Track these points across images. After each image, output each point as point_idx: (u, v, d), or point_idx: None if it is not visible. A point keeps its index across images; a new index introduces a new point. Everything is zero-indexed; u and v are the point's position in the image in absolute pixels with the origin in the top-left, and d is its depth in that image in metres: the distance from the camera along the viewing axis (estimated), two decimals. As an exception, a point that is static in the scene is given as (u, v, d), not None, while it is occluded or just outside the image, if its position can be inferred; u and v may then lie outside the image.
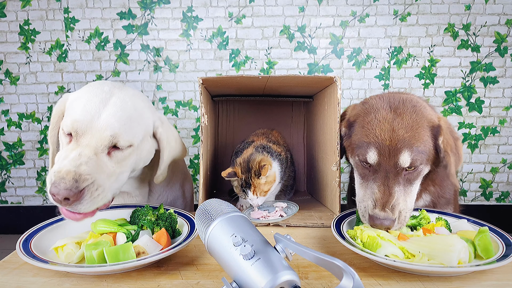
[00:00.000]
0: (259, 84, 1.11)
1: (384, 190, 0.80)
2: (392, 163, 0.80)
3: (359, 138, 0.86)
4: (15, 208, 2.53)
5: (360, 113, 0.89)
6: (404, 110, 0.84)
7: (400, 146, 0.79)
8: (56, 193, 0.72)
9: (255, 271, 0.48)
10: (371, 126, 0.84)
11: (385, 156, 0.80)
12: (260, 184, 0.98)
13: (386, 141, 0.80)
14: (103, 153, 0.81)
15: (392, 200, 0.78)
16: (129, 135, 0.84)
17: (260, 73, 2.41)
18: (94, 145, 0.80)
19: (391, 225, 0.77)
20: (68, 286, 0.64)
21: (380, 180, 0.81)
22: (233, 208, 0.60)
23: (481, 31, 2.35)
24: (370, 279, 0.66)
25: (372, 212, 0.78)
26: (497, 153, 2.47)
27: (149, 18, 2.36)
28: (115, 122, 0.82)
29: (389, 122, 0.82)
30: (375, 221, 0.77)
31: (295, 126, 1.49)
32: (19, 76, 2.41)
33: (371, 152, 0.81)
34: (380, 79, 2.42)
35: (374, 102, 0.89)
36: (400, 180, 0.80)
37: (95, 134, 0.80)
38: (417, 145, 0.80)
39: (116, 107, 0.84)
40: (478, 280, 0.65)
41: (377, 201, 0.79)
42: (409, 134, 0.80)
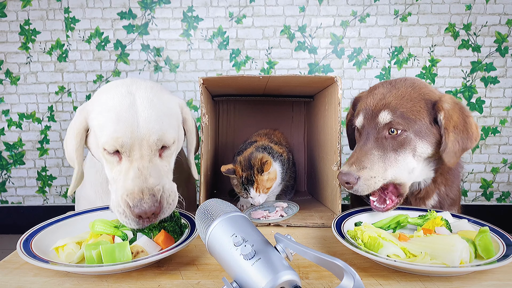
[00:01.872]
0: (259, 84, 1.11)
1: (360, 150, 0.81)
2: (373, 124, 0.82)
3: (356, 111, 0.91)
4: (15, 208, 2.54)
5: (363, 95, 0.95)
6: (402, 85, 0.87)
7: (382, 107, 0.82)
8: (144, 214, 0.74)
9: (256, 271, 0.48)
10: (367, 99, 0.88)
11: (368, 118, 0.83)
12: (263, 180, 1.00)
13: (372, 107, 0.84)
14: (156, 157, 0.82)
15: (364, 159, 0.78)
16: (171, 132, 0.84)
17: (261, 73, 2.41)
18: (147, 154, 0.80)
19: (350, 180, 0.76)
20: (69, 286, 0.64)
21: (362, 141, 0.83)
22: (233, 208, 0.60)
23: (482, 31, 2.34)
24: (371, 279, 0.66)
25: (341, 168, 0.80)
26: (498, 153, 2.47)
27: (149, 18, 2.36)
28: (155, 124, 0.81)
29: (383, 94, 0.86)
30: (338, 175, 0.79)
31: (296, 126, 1.49)
32: (19, 76, 2.41)
33: (360, 116, 0.86)
34: (381, 79, 2.41)
35: (379, 84, 0.93)
36: (382, 145, 0.80)
37: (143, 144, 0.79)
38: (403, 111, 0.80)
39: (147, 109, 0.82)
40: (478, 280, 0.65)
41: (349, 159, 0.81)
42: (396, 101, 0.82)
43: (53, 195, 2.53)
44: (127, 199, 0.75)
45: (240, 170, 1.01)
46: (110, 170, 0.82)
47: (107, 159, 0.82)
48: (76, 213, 0.89)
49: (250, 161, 1.01)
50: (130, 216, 0.75)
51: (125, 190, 0.76)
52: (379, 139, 0.80)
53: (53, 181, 2.51)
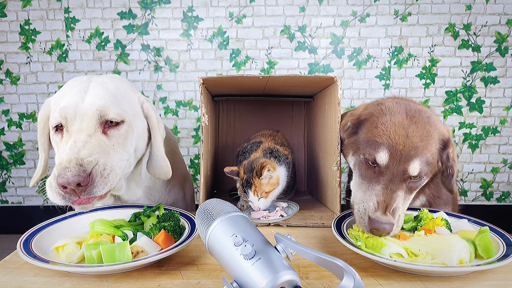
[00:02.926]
0: (259, 84, 1.11)
1: (387, 194, 0.77)
2: (401, 169, 0.78)
3: (370, 137, 0.83)
4: (15, 208, 2.54)
5: (374, 113, 0.87)
6: (420, 119, 0.83)
7: (413, 154, 0.78)
8: (66, 183, 0.71)
9: (256, 271, 0.48)
10: (385, 128, 0.82)
11: (396, 160, 0.78)
12: (261, 184, 0.98)
13: (399, 145, 0.78)
14: (98, 132, 0.81)
15: (394, 204, 0.76)
16: (116, 108, 0.83)
17: (261, 73, 2.41)
18: (86, 127, 0.79)
19: (391, 230, 0.74)
20: (69, 286, 0.64)
21: (385, 183, 0.78)
22: (233, 208, 0.60)
23: (482, 31, 2.34)
24: (371, 279, 0.66)
25: (374, 215, 0.75)
26: (498, 153, 2.47)
27: (149, 18, 2.36)
28: (99, 100, 0.82)
29: (404, 128, 0.80)
30: (375, 224, 0.74)
31: (296, 126, 1.49)
32: (19, 76, 2.41)
33: (383, 153, 0.79)
34: (381, 79, 2.42)
35: (390, 105, 0.88)
36: (404, 187, 0.79)
37: (83, 117, 0.80)
38: (427, 156, 0.79)
39: (96, 88, 0.85)
40: (478, 280, 0.65)
41: (380, 203, 0.76)
42: (422, 143, 0.79)
43: (53, 195, 2.53)
44: (55, 170, 0.73)
45: (242, 173, 1.01)
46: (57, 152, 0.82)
47: (55, 141, 0.83)
48: (76, 213, 0.89)
49: (252, 164, 1.00)
50: (56, 187, 0.72)
51: (58, 161, 0.75)
52: (402, 182, 0.79)
53: (53, 181, 2.51)
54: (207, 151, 1.09)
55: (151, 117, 0.93)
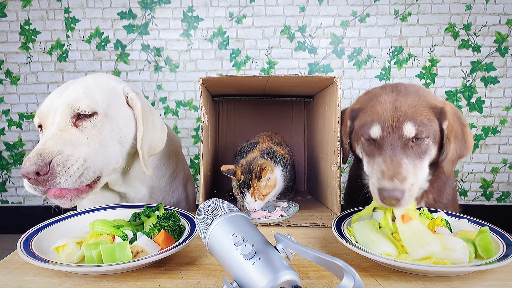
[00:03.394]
0: (259, 84, 1.11)
1: (391, 161, 0.77)
2: (397, 136, 0.79)
3: (363, 121, 0.86)
4: (15, 208, 2.54)
5: (363, 102, 0.91)
6: (406, 92, 0.85)
7: (403, 119, 0.80)
8: (26, 172, 0.72)
9: (256, 271, 0.48)
10: (373, 108, 0.85)
11: (389, 130, 0.80)
12: (259, 187, 0.98)
13: (388, 118, 0.81)
14: (69, 125, 0.81)
15: (401, 170, 0.75)
16: (88, 100, 0.83)
17: (261, 73, 2.41)
18: (57, 122, 0.81)
19: (400, 196, 0.71)
20: (69, 286, 0.64)
21: (387, 152, 0.79)
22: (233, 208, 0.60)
23: (482, 31, 2.35)
24: (371, 279, 0.66)
25: (380, 185, 0.74)
26: (498, 153, 2.47)
27: (149, 18, 2.36)
28: (71, 94, 0.84)
29: (391, 103, 0.83)
30: (383, 193, 0.72)
31: (296, 126, 1.49)
32: (19, 76, 2.41)
33: (375, 127, 0.82)
34: (381, 79, 2.42)
35: (377, 90, 0.91)
36: (409, 153, 0.79)
37: (56, 112, 0.81)
38: (421, 119, 0.80)
39: (74, 85, 0.87)
40: (478, 280, 0.65)
41: (384, 172, 0.75)
42: (411, 110, 0.81)
43: (53, 195, 2.53)
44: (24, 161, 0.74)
45: (240, 173, 1.00)
46: None
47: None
48: (76, 213, 0.89)
49: (250, 165, 1.00)
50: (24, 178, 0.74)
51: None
52: (405, 149, 0.80)
53: (53, 181, 2.51)
54: (207, 151, 1.09)
55: (135, 107, 0.91)
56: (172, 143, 1.12)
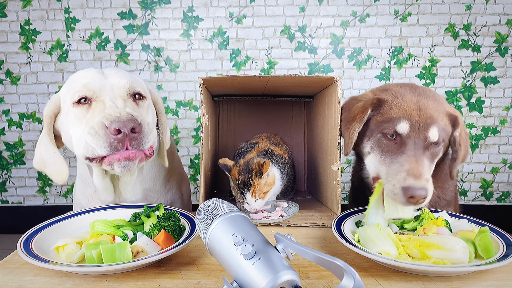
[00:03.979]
0: (259, 84, 1.11)
1: (416, 161, 0.78)
2: (422, 137, 0.81)
3: (385, 117, 0.86)
4: (15, 208, 2.54)
5: (386, 98, 0.91)
6: (427, 95, 0.88)
7: (429, 122, 0.82)
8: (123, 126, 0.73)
9: (256, 271, 0.48)
10: (399, 106, 0.86)
11: (415, 129, 0.81)
12: (260, 184, 0.97)
13: (415, 117, 0.83)
14: (130, 99, 0.84)
15: (425, 171, 0.77)
16: (139, 85, 0.88)
17: (261, 73, 2.41)
18: (119, 95, 0.82)
19: (426, 195, 0.74)
20: (69, 286, 0.64)
21: (410, 152, 0.80)
22: (233, 208, 0.60)
23: (482, 31, 2.35)
24: (371, 279, 0.66)
25: (406, 183, 0.74)
26: (498, 153, 2.47)
27: (149, 18, 2.36)
28: (123, 76, 0.86)
29: (415, 103, 0.85)
30: (410, 192, 0.73)
31: (296, 126, 1.49)
32: (19, 76, 2.41)
33: (403, 123, 0.82)
34: (381, 79, 2.42)
35: (397, 89, 0.92)
36: (427, 154, 0.82)
37: (114, 87, 0.83)
38: (441, 124, 0.83)
39: (113, 71, 0.88)
40: (478, 280, 0.65)
41: (410, 171, 0.76)
42: (435, 113, 0.83)
43: (53, 195, 2.53)
44: (103, 120, 0.74)
45: (237, 173, 1.00)
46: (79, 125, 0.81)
47: (76, 114, 0.82)
48: (76, 213, 0.89)
49: (248, 165, 0.99)
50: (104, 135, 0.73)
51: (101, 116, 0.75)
52: (427, 149, 0.82)
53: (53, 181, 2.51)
54: (207, 151, 1.09)
55: (157, 100, 0.97)
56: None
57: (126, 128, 0.73)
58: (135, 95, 0.87)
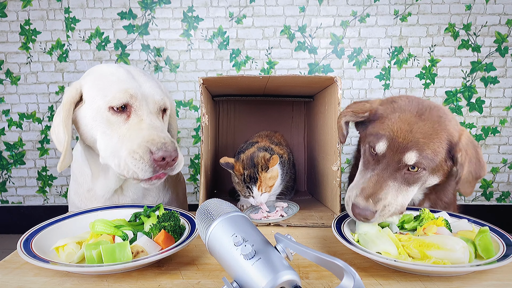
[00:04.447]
0: (259, 84, 1.11)
1: (376, 181, 0.80)
2: (396, 158, 0.80)
3: (376, 130, 0.86)
4: (15, 208, 2.54)
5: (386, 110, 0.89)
6: (429, 117, 0.84)
7: (410, 146, 0.80)
8: (169, 156, 0.78)
9: (256, 271, 0.48)
10: (391, 123, 0.84)
11: (393, 150, 0.81)
12: (266, 178, 0.99)
13: (399, 138, 0.81)
14: (160, 116, 0.89)
15: (380, 192, 0.78)
16: (167, 98, 0.91)
17: (261, 73, 2.41)
18: (154, 111, 0.86)
19: (369, 216, 0.77)
20: (69, 286, 0.64)
21: (378, 170, 0.81)
22: (233, 208, 0.60)
23: (482, 31, 2.35)
24: (371, 279, 0.66)
25: (354, 200, 0.79)
26: (498, 153, 2.47)
27: (149, 18, 2.36)
28: (155, 86, 0.88)
29: (410, 124, 0.83)
30: (355, 209, 0.78)
31: (296, 126, 1.49)
32: (19, 76, 2.41)
33: (382, 143, 0.82)
34: (381, 79, 2.42)
35: (403, 103, 0.90)
36: (398, 177, 0.81)
37: (149, 102, 0.85)
38: (427, 153, 0.80)
39: (142, 75, 0.89)
40: (478, 280, 0.65)
41: (363, 190, 0.80)
42: (424, 140, 0.80)
43: (53, 195, 2.53)
44: (148, 145, 0.77)
45: (242, 168, 1.01)
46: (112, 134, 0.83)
47: (110, 121, 0.83)
48: (76, 213, 0.89)
49: (253, 159, 1.00)
50: (149, 161, 0.77)
51: (143, 139, 0.78)
52: (397, 172, 0.81)
53: (53, 181, 2.51)
54: (207, 151, 1.09)
55: (172, 107, 0.98)
56: None
57: (170, 158, 0.78)
58: (163, 109, 0.91)
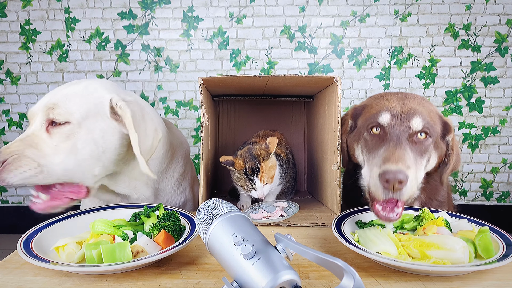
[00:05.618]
0: (259, 84, 1.11)
1: (395, 149, 0.74)
2: (403, 126, 0.78)
3: (368, 116, 0.85)
4: (16, 208, 2.54)
5: (368, 101, 0.91)
6: (414, 97, 0.86)
7: (412, 112, 0.80)
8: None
9: (256, 270, 0.48)
10: (381, 103, 0.85)
11: (397, 120, 0.79)
12: (267, 167, 1.00)
13: (397, 109, 0.81)
14: (42, 129, 0.84)
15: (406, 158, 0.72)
16: (64, 108, 0.84)
17: (261, 73, 2.41)
18: (34, 125, 0.84)
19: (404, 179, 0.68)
20: (69, 286, 0.64)
21: (391, 142, 0.77)
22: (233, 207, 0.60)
23: (482, 31, 2.35)
24: (371, 278, 0.66)
25: (382, 169, 0.70)
26: (498, 153, 2.47)
27: (149, 18, 2.36)
28: (52, 99, 0.86)
29: (399, 100, 0.84)
30: (386, 175, 0.68)
31: (296, 126, 1.49)
32: (20, 76, 2.41)
33: (384, 114, 0.81)
34: (381, 79, 2.42)
35: (384, 93, 0.92)
36: (412, 147, 0.78)
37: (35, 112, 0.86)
38: (429, 118, 0.81)
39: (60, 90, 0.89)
40: (478, 280, 0.65)
41: (387, 157, 0.72)
42: (419, 107, 0.82)
43: (53, 195, 2.53)
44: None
45: (242, 162, 1.01)
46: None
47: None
48: (76, 213, 0.89)
49: (251, 152, 1.01)
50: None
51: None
52: (410, 141, 0.79)
53: (53, 181, 2.51)
54: (207, 151, 1.09)
55: (124, 116, 0.88)
56: (181, 146, 1.14)
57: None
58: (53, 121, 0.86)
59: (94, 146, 0.86)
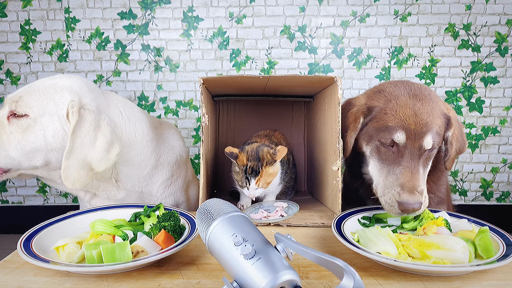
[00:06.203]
0: (259, 84, 1.11)
1: (410, 174, 0.82)
2: (417, 145, 0.83)
3: (382, 124, 0.88)
4: (16, 207, 2.54)
5: (379, 101, 0.91)
6: (422, 96, 0.88)
7: (425, 130, 0.83)
8: None
9: (256, 270, 0.48)
10: (394, 112, 0.87)
11: (411, 138, 0.83)
12: (267, 173, 1.00)
13: (411, 125, 0.84)
14: (4, 117, 0.91)
15: (418, 183, 0.81)
16: (25, 102, 0.89)
17: (261, 73, 2.41)
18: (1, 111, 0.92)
19: (419, 208, 0.79)
20: (69, 286, 0.64)
21: (405, 163, 0.83)
22: (234, 207, 0.60)
23: (482, 31, 2.35)
24: (371, 278, 0.66)
25: (401, 199, 0.79)
26: (498, 153, 2.47)
27: (149, 18, 2.36)
28: (22, 90, 0.92)
29: (410, 108, 0.86)
30: (405, 206, 0.78)
31: (296, 126, 1.49)
32: (20, 76, 2.41)
33: (399, 133, 0.84)
34: (381, 79, 2.42)
35: (391, 90, 0.92)
36: (421, 162, 0.84)
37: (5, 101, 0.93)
38: (436, 129, 0.85)
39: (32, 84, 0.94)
40: (478, 280, 0.65)
41: (404, 186, 0.81)
42: (430, 118, 0.85)
43: (54, 195, 2.53)
44: None
45: (245, 159, 1.01)
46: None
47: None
48: (76, 213, 0.89)
49: (258, 153, 1.01)
50: None
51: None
52: (421, 158, 0.84)
53: (53, 181, 2.51)
54: (207, 151, 1.09)
55: (71, 123, 0.89)
56: (171, 151, 1.14)
57: None
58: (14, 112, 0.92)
59: (43, 143, 0.90)
